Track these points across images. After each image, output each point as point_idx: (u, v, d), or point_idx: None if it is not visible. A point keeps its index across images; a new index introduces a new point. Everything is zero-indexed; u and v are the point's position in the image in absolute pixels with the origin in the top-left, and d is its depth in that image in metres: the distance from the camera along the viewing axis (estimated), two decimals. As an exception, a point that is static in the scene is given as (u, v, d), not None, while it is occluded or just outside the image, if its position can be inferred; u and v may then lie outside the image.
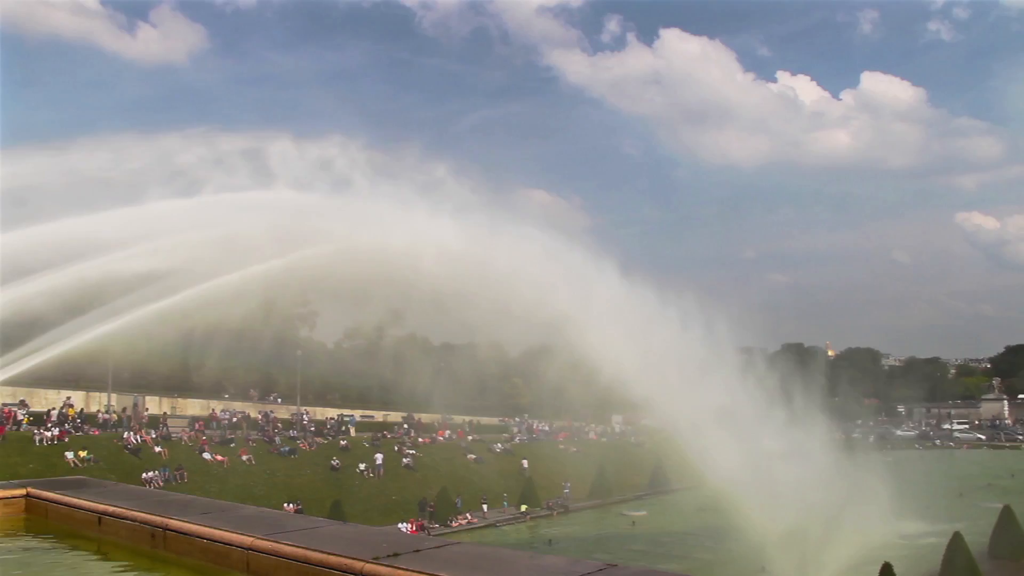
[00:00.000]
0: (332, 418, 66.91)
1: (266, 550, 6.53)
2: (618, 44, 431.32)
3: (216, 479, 48.72)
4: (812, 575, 36.06)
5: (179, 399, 64.04)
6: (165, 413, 57.27)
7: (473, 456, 63.75)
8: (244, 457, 52.36)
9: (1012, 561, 37.30)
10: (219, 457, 51.18)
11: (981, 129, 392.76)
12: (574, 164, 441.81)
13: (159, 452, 49.38)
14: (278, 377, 70.60)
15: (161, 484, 44.33)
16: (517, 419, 79.96)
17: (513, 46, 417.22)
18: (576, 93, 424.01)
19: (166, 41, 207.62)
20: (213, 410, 61.29)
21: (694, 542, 46.03)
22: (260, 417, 62.26)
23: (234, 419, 59.49)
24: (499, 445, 68.77)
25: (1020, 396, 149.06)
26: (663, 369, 39.80)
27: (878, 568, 29.05)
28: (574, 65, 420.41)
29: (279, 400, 70.73)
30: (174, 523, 7.68)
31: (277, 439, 57.25)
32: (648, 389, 40.76)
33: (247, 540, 6.76)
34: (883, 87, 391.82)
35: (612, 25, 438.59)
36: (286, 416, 65.30)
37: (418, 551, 6.03)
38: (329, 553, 6.07)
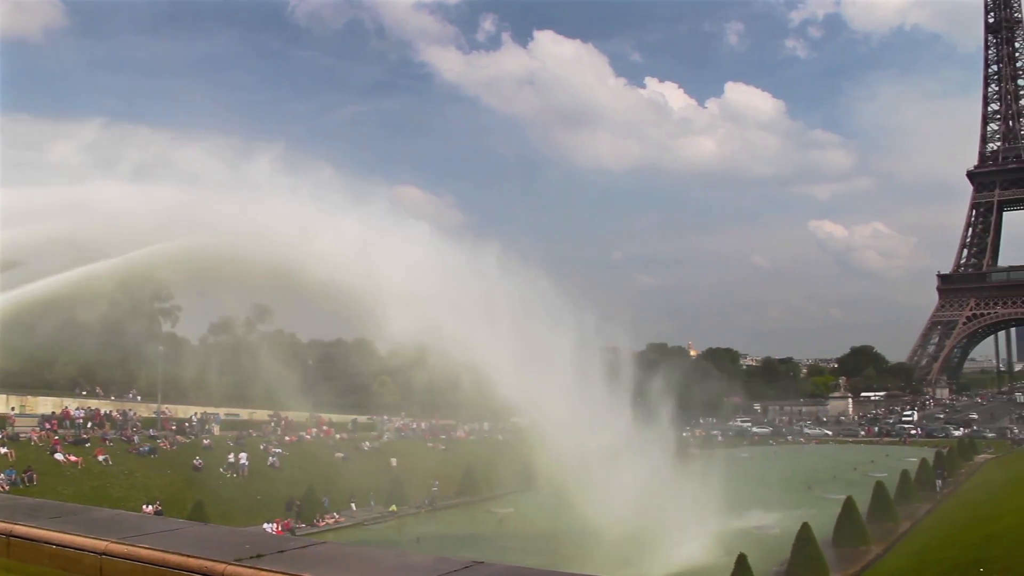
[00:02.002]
0: (195, 416, 64.72)
1: (121, 554, 6.30)
2: (493, 44, 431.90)
3: (69, 481, 46.43)
4: (671, 567, 37.38)
5: (29, 397, 60.54)
6: (13, 410, 54.08)
7: (341, 455, 62.93)
8: (100, 457, 50.03)
9: (853, 548, 39.75)
10: (73, 458, 48.74)
11: (834, 142, 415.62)
12: (447, 162, 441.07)
13: (5, 453, 46.66)
14: (138, 374, 67.74)
15: (7, 488, 41.77)
16: (386, 417, 79.36)
17: (389, 41, 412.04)
18: (451, 91, 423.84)
19: (19, 13, 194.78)
20: (67, 408, 58.29)
21: (560, 538, 46.84)
22: (118, 415, 59.66)
23: (90, 418, 56.81)
24: (368, 444, 68.15)
25: (863, 394, 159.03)
26: (531, 369, 40.39)
27: (733, 559, 30.41)
28: (449, 63, 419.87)
29: (139, 398, 67.83)
30: (20, 529, 7.28)
31: (136, 438, 55.01)
32: (514, 389, 41.29)
33: (101, 544, 6.49)
34: (745, 98, 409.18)
35: (487, 24, 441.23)
36: (147, 414, 62.76)
37: (282, 551, 5.97)
38: (189, 556, 5.93)
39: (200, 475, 53.11)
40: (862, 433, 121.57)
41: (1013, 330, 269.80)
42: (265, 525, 45.88)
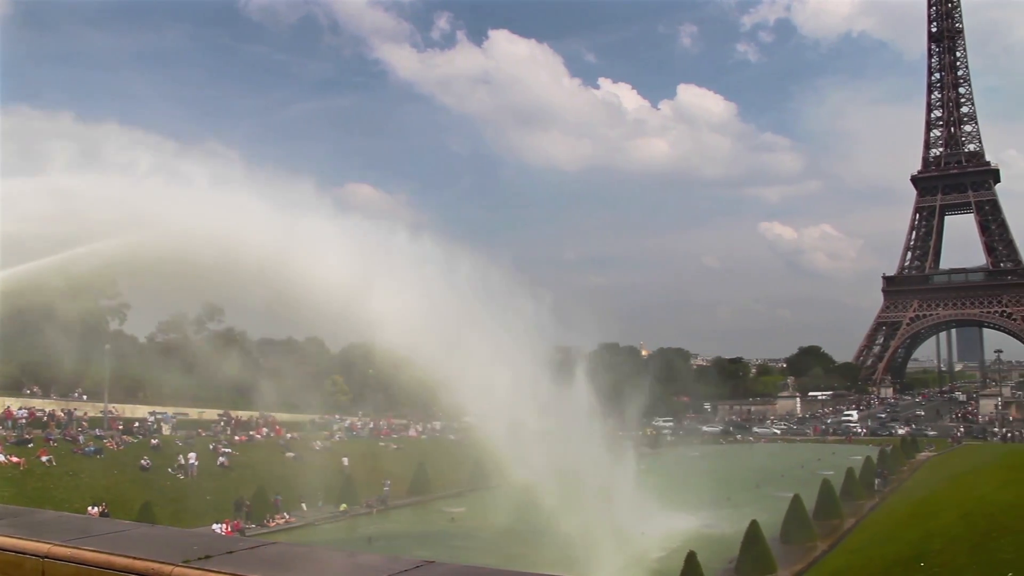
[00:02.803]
0: (148, 416, 63.51)
1: (64, 557, 6.18)
2: (448, 42, 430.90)
3: (11, 482, 45.27)
4: (622, 566, 37.69)
5: (-34, 396, 58.99)
6: (-51, 410, 52.74)
7: (292, 454, 62.34)
8: (44, 458, 48.89)
9: (800, 545, 40.47)
10: (14, 458, 47.58)
11: (784, 145, 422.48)
12: (401, 160, 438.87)
13: (-57, 455, 45.45)
14: (84, 373, 66.32)
15: (-57, 490, 40.72)
16: (338, 416, 78.77)
17: (342, 37, 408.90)
18: (405, 89, 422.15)
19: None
20: (8, 408, 56.88)
21: (512, 537, 46.99)
22: (63, 415, 58.39)
23: (32, 417, 55.53)
24: (319, 443, 67.57)
25: (811, 393, 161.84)
26: (483, 367, 40.44)
27: (683, 556, 30.77)
28: (404, 60, 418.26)
29: (84, 397, 66.41)
30: (-41, 531, 7.12)
31: (81, 438, 53.87)
32: (466, 387, 41.32)
33: (43, 547, 6.36)
34: (698, 100, 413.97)
35: (442, 22, 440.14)
36: (94, 414, 61.48)
37: (231, 552, 5.91)
38: (135, 558, 5.84)
39: (148, 475, 52.24)
40: (808, 432, 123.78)
41: (954, 331, 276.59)
42: (214, 526, 45.33)
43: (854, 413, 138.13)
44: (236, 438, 63.21)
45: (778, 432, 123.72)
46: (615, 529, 40.59)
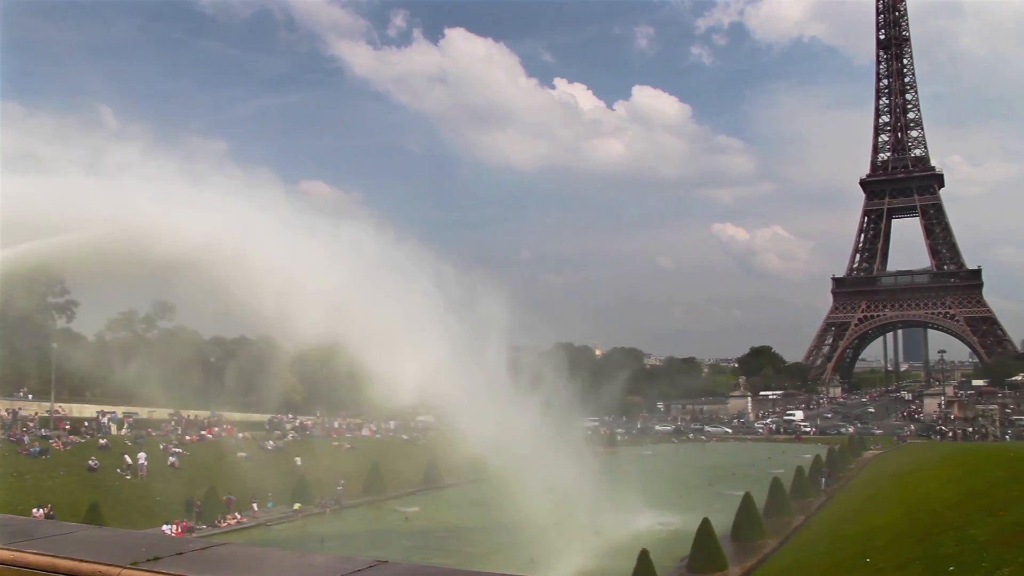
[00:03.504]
0: (99, 415, 62.20)
1: (7, 561, 6.06)
2: (404, 40, 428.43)
3: (-49, 484, 44.22)
4: (576, 564, 37.88)
5: (-96, 395, 57.40)
6: None
7: (244, 454, 61.53)
8: (-15, 459, 47.78)
9: (750, 542, 41.03)
10: (-45, 460, 46.44)
11: (737, 147, 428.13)
12: (356, 158, 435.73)
13: None
14: (29, 371, 64.80)
15: None
16: (290, 415, 78.04)
17: (298, 33, 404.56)
18: (361, 86, 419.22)
19: None
20: (-51, 407, 55.53)
21: (466, 536, 47.01)
22: (7, 415, 57.03)
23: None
24: (271, 443, 66.88)
25: (762, 393, 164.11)
26: (438, 365, 40.35)
27: (636, 554, 31.02)
28: (359, 57, 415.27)
29: (30, 396, 64.89)
30: None
31: (26, 438, 52.68)
32: (424, 387, 41.19)
33: (-14, 550, 6.24)
34: (653, 101, 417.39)
35: (399, 20, 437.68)
36: (41, 414, 60.12)
37: (181, 553, 5.85)
38: (81, 560, 5.75)
39: (96, 476, 51.23)
40: (760, 430, 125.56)
41: (900, 332, 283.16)
42: (164, 527, 44.66)
43: (797, 412, 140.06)
44: (187, 438, 62.22)
45: (729, 431, 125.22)
46: (569, 528, 40.77)
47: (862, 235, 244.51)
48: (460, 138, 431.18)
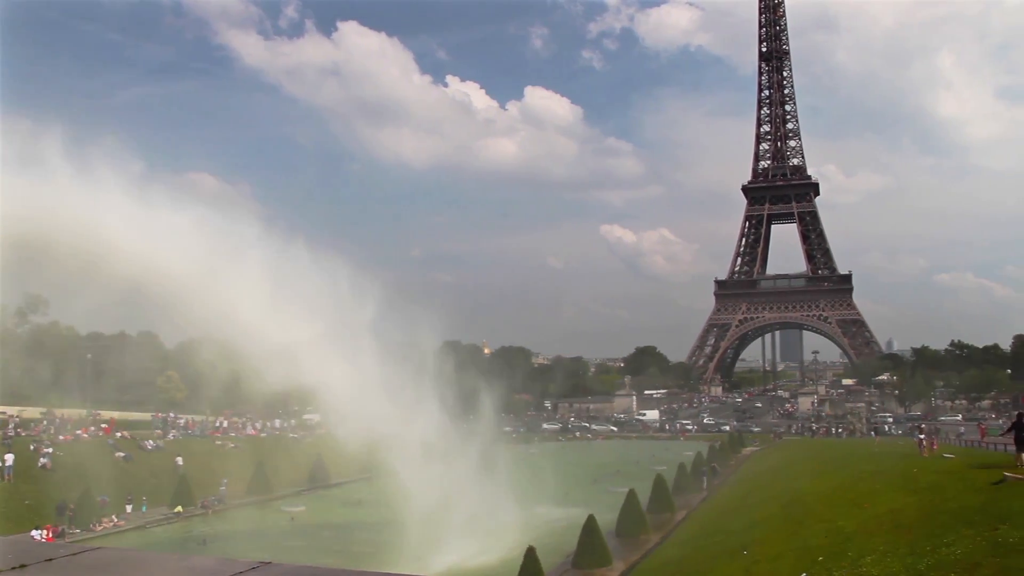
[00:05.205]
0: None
1: None
2: (297, 31, 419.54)
3: None
4: (463, 562, 37.96)
5: None
6: None
7: (122, 454, 59.05)
8: None
9: (634, 538, 41.97)
10: None
11: (627, 151, 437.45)
12: (245, 151, 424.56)
13: None
14: None
15: None
16: (172, 414, 75.43)
17: (185, 19, 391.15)
18: (251, 77, 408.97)
19: None
20: None
21: (353, 535, 46.52)
22: None
23: None
24: (151, 442, 64.40)
25: (647, 392, 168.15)
26: (331, 366, 39.83)
27: (523, 551, 31.28)
28: (249, 48, 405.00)
29: None
30: None
31: None
32: (314, 385, 40.57)
33: None
34: (545, 102, 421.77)
35: (290, 11, 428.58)
36: None
37: (50, 560, 5.57)
38: (-62, 569, 5.41)
39: (-45, 479, 48.28)
40: (639, 428, 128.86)
41: (778, 333, 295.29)
42: (33, 532, 42.47)
43: (653, 412, 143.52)
44: (60, 437, 59.18)
45: (615, 429, 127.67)
46: (456, 525, 40.82)
47: (743, 239, 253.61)
48: (352, 133, 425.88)
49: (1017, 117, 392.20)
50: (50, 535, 43.35)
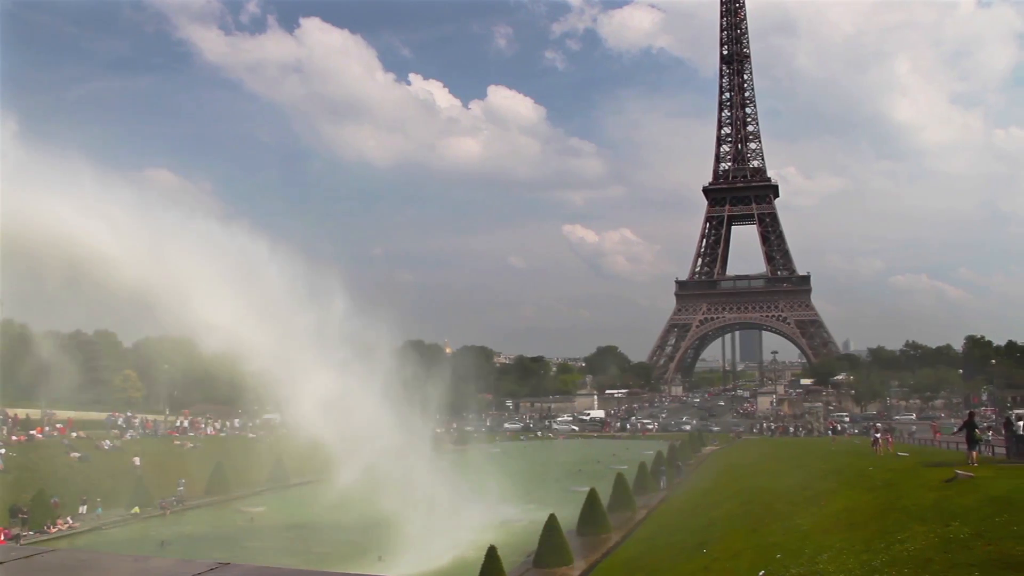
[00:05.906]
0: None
1: None
2: (258, 27, 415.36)
3: None
4: (424, 561, 37.87)
5: None
6: None
7: (78, 455, 58.04)
8: None
9: (595, 537, 42.14)
10: None
11: (589, 151, 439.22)
12: (205, 147, 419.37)
13: None
14: None
15: None
16: (129, 414, 74.32)
17: (145, 13, 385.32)
18: (211, 73, 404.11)
19: None
20: None
21: (313, 536, 46.16)
22: None
23: None
24: (108, 442, 63.36)
25: (608, 391, 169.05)
26: (291, 365, 39.55)
27: (484, 550, 31.29)
28: (210, 43, 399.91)
29: None
30: None
31: None
32: (276, 383, 40.25)
33: None
34: (507, 102, 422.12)
35: (252, 6, 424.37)
36: None
37: (2, 563, 5.49)
38: None
39: (-98, 481, 47.13)
40: (610, 428, 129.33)
41: (737, 333, 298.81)
42: (-16, 534, 41.63)
43: (597, 412, 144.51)
44: (13, 438, 58.01)
45: (576, 428, 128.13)
46: (418, 524, 40.71)
47: (704, 240, 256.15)
48: (314, 131, 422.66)
49: (970, 123, 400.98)
50: (2, 538, 42.45)
